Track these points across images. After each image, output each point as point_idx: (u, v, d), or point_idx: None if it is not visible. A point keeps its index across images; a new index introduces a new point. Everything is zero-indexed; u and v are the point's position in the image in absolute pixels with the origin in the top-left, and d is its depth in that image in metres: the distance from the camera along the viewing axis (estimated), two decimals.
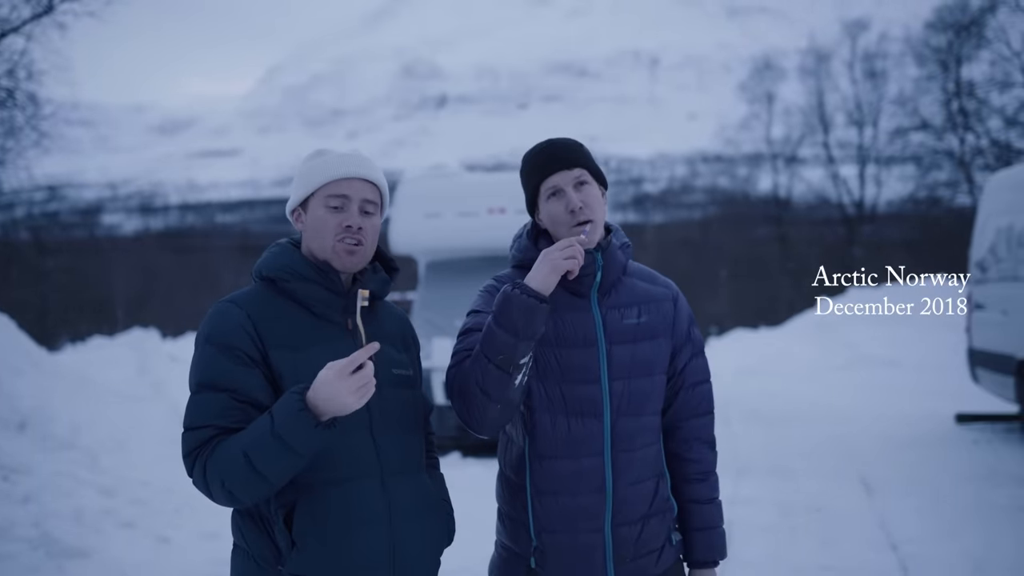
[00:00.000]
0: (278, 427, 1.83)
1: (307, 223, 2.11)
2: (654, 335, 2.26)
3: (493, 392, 2.06)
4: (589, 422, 2.17)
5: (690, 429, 2.33)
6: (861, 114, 29.78)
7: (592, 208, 2.19)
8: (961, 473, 7.39)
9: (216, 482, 1.87)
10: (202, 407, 1.93)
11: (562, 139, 2.28)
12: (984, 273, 9.16)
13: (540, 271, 2.06)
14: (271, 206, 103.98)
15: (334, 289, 2.06)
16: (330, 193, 2.08)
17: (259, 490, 1.87)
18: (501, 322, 2.03)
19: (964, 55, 25.00)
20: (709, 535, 2.31)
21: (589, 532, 2.18)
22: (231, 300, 2.05)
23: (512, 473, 2.27)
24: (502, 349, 2.03)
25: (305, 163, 2.15)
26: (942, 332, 16.43)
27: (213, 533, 6.00)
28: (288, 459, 1.84)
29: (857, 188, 29.95)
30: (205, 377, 1.95)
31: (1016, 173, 9.41)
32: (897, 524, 5.92)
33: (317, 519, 1.95)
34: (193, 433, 1.92)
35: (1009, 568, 5.05)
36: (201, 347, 2.00)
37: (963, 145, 25.22)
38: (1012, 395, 8.65)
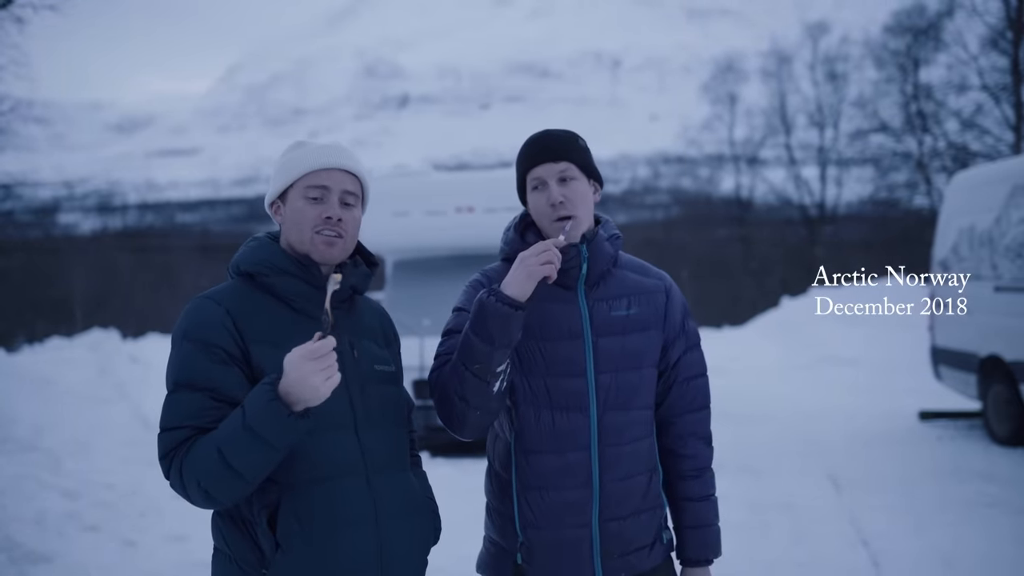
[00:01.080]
0: (250, 420, 1.76)
1: (286, 215, 2.06)
2: (645, 327, 2.22)
3: (471, 399, 2.03)
4: (574, 416, 2.14)
5: (685, 424, 2.29)
6: (822, 116, 30.15)
7: (575, 204, 2.15)
8: (926, 469, 7.47)
9: (192, 483, 1.80)
10: (178, 407, 1.86)
11: (556, 131, 2.24)
12: (946, 272, 9.27)
13: (516, 277, 2.02)
14: (231, 206, 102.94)
15: (314, 283, 2.00)
16: (309, 184, 2.03)
17: (235, 488, 1.80)
18: (477, 330, 2.00)
19: (922, 58, 25.38)
20: (703, 533, 2.28)
21: (575, 527, 2.15)
22: (209, 296, 1.98)
23: (500, 468, 2.24)
24: (478, 358, 2.00)
25: (284, 155, 2.10)
26: (902, 331, 16.68)
27: (180, 536, 5.91)
28: (262, 453, 1.77)
29: (818, 189, 30.31)
30: (182, 376, 1.88)
31: (977, 174, 9.54)
32: (866, 520, 5.96)
33: (302, 520, 1.89)
34: (169, 434, 1.85)
35: (978, 563, 5.10)
36: (178, 344, 1.93)
37: (921, 147, 25.60)
38: (974, 392, 8.77)
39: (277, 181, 2.08)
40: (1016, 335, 8.01)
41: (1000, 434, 8.39)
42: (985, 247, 8.52)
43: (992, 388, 8.45)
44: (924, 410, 9.79)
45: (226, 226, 78.29)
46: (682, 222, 39.51)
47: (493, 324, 1.98)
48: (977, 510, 6.20)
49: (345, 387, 1.97)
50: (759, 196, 31.78)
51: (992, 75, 23.43)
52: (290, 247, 2.04)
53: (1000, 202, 8.35)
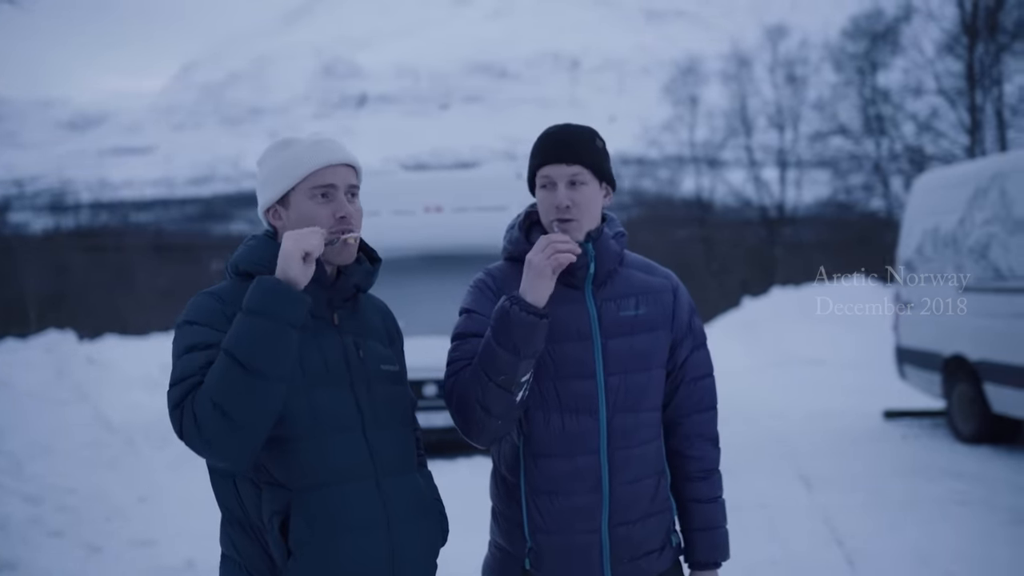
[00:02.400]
0: (253, 305, 1.73)
1: (291, 218, 1.97)
2: (653, 327, 2.18)
3: (494, 409, 1.98)
4: (584, 419, 2.10)
5: (691, 425, 2.25)
6: (782, 118, 30.48)
7: (581, 208, 2.11)
8: (894, 468, 7.55)
9: (207, 410, 1.69)
10: (191, 363, 1.78)
11: (575, 129, 2.17)
12: (911, 272, 9.38)
13: (530, 281, 1.97)
14: (186, 205, 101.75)
15: (321, 283, 1.95)
16: (316, 184, 1.96)
17: (256, 396, 1.71)
18: (501, 341, 1.94)
19: (879, 62, 25.74)
20: (712, 535, 2.25)
21: (585, 532, 2.11)
22: (210, 293, 1.92)
23: (507, 471, 2.18)
24: (503, 369, 1.95)
25: (275, 156, 2.01)
26: (862, 330, 16.89)
27: (147, 541, 5.79)
28: (275, 332, 1.72)
29: (778, 191, 30.63)
30: (186, 343, 1.82)
31: (941, 176, 9.66)
32: (840, 519, 5.99)
33: (314, 526, 1.83)
34: (180, 386, 1.76)
35: (953, 560, 5.15)
36: (182, 328, 1.87)
37: (879, 150, 25.96)
38: (939, 391, 8.88)
39: (276, 184, 1.98)
40: (980, 335, 8.12)
41: (964, 432, 8.50)
42: (949, 248, 8.63)
43: (956, 387, 8.55)
44: (889, 409, 9.90)
45: (181, 225, 77.32)
46: (643, 223, 39.69)
47: (518, 334, 1.93)
48: (947, 508, 6.26)
49: (351, 388, 1.93)
50: (720, 197, 32.06)
51: (948, 79, 23.84)
52: None
53: (963, 204, 8.45)
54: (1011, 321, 7.67)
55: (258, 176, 2.02)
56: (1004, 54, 23.35)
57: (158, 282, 36.85)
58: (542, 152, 2.14)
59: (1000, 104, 23.62)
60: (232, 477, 1.88)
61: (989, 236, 8.01)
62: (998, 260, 7.88)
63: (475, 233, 9.18)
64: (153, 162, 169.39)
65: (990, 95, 23.63)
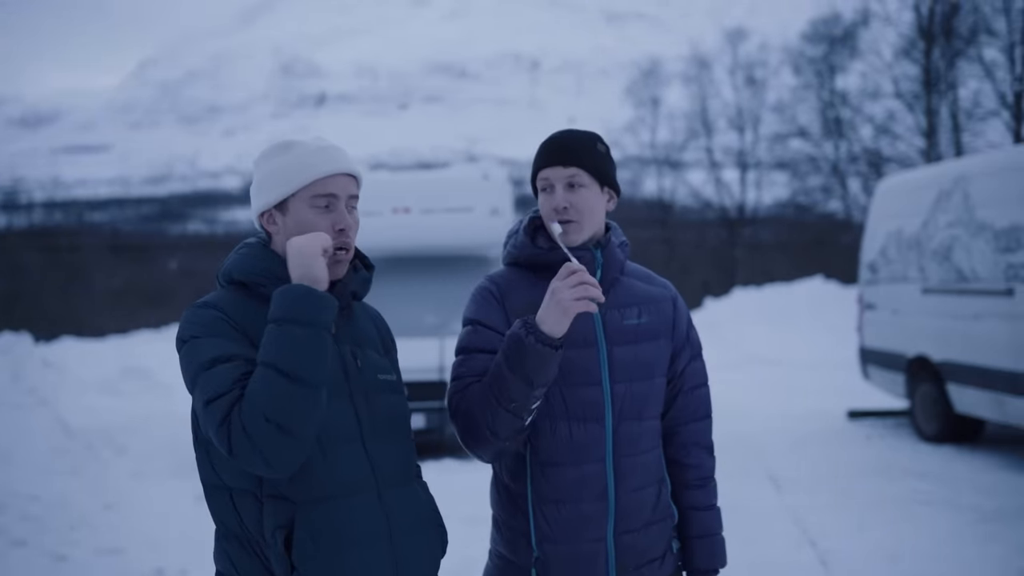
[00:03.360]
0: (286, 314, 1.70)
1: (288, 226, 1.90)
2: (655, 336, 2.19)
3: (503, 433, 1.98)
4: (591, 427, 2.09)
5: (688, 434, 2.27)
6: (742, 120, 30.75)
7: (580, 211, 2.10)
8: (860, 468, 7.62)
9: (259, 425, 1.64)
10: (221, 376, 1.71)
11: (574, 133, 2.17)
12: (875, 274, 9.50)
13: (551, 314, 1.92)
14: (143, 204, 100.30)
15: None
16: (317, 193, 1.89)
17: (306, 405, 1.67)
18: (514, 369, 1.92)
19: (838, 66, 26.05)
20: (710, 542, 2.26)
21: (592, 541, 2.10)
22: (205, 305, 1.85)
23: (510, 480, 2.16)
24: (515, 397, 1.93)
25: (275, 158, 1.93)
26: (823, 331, 17.09)
27: (114, 549, 5.67)
28: (312, 338, 1.70)
29: (738, 192, 30.91)
30: (207, 356, 1.75)
31: (905, 179, 9.79)
32: (810, 520, 6.04)
33: (318, 541, 1.78)
34: (218, 403, 1.69)
35: (922, 558, 5.21)
36: (190, 343, 1.79)
37: (837, 152, 26.27)
38: (902, 391, 9.00)
39: (274, 188, 1.91)
40: (943, 336, 8.24)
41: (927, 432, 8.62)
42: (913, 250, 8.75)
43: (920, 387, 8.68)
44: (853, 409, 10.02)
45: (137, 225, 76.28)
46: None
47: (532, 364, 1.91)
48: (913, 507, 6.34)
49: (350, 399, 1.89)
50: (681, 198, 32.26)
51: (905, 83, 24.20)
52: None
53: (927, 207, 8.57)
54: (973, 322, 7.79)
55: (255, 177, 1.95)
56: (959, 59, 23.75)
57: (114, 282, 36.28)
58: (542, 155, 2.15)
59: (955, 108, 24.03)
60: (229, 491, 1.82)
61: (952, 239, 8.13)
62: (961, 262, 8.00)
63: (443, 234, 9.16)
64: (108, 161, 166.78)
65: (945, 99, 24.04)
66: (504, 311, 2.11)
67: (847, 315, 16.81)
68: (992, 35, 23.34)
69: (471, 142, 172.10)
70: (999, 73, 23.19)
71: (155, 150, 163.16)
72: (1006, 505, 6.31)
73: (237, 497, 1.81)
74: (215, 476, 1.84)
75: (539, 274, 2.15)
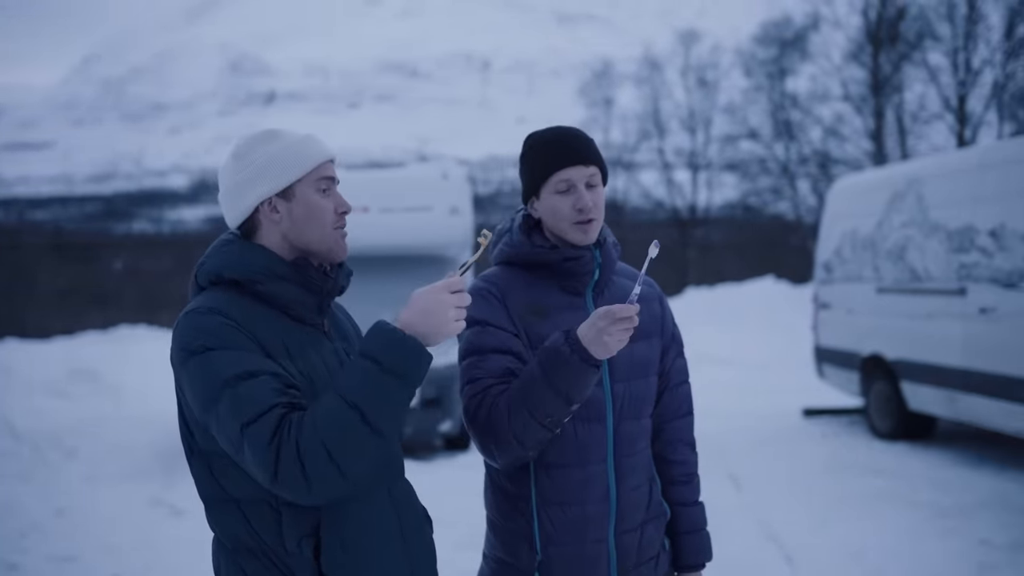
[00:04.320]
0: (394, 365, 1.60)
1: (295, 212, 1.82)
2: (648, 335, 2.20)
3: (529, 443, 1.95)
4: (594, 427, 2.09)
5: (673, 430, 2.30)
6: (693, 121, 31.00)
7: (600, 210, 2.11)
8: (818, 465, 7.71)
9: (316, 453, 1.55)
10: (253, 393, 1.60)
11: (576, 131, 2.15)
12: (830, 274, 9.61)
13: (594, 346, 1.87)
14: (86, 203, 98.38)
15: (312, 288, 1.83)
16: (321, 176, 1.85)
17: (374, 453, 1.61)
18: (554, 384, 1.88)
19: (788, 68, 26.38)
20: (697, 538, 2.29)
21: (595, 542, 2.10)
22: (209, 311, 1.72)
23: (509, 483, 2.14)
24: (551, 412, 1.90)
25: (267, 145, 1.84)
26: (775, 331, 17.30)
27: (68, 557, 5.54)
28: (406, 396, 1.63)
29: (690, 192, 31.17)
30: (228, 372, 1.63)
31: (859, 180, 9.93)
32: (772, 518, 6.09)
33: (347, 546, 1.73)
34: (263, 421, 1.58)
35: (885, 554, 5.28)
36: (202, 356, 1.66)
37: (787, 153, 26.61)
38: (857, 389, 9.12)
39: (279, 175, 1.82)
40: (897, 335, 8.37)
41: (881, 429, 8.75)
42: (867, 250, 8.87)
43: (874, 386, 8.80)
44: (808, 407, 10.13)
45: (81, 224, 74.81)
46: None
47: (574, 382, 1.88)
48: (872, 504, 6.42)
49: None
50: (633, 199, 32.40)
51: (853, 86, 24.60)
52: (291, 248, 1.84)
53: (881, 207, 8.70)
54: (927, 321, 7.92)
55: (241, 168, 1.84)
56: (904, 63, 24.21)
57: (58, 282, 35.46)
58: (558, 156, 2.09)
59: (901, 111, 24.49)
60: (237, 503, 1.73)
61: (906, 239, 8.26)
62: (914, 262, 8.13)
63: (401, 234, 9.08)
64: (50, 158, 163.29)
65: (891, 102, 24.49)
66: (507, 311, 2.09)
67: (799, 314, 17.05)
68: (936, 40, 23.82)
69: (422, 142, 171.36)
70: (943, 77, 23.67)
71: (99, 148, 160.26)
72: (962, 501, 6.42)
73: (248, 508, 1.72)
74: (219, 489, 1.75)
75: (535, 273, 2.13)
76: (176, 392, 1.78)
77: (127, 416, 9.97)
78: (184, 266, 39.26)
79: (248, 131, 2.00)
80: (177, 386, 1.76)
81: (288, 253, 1.84)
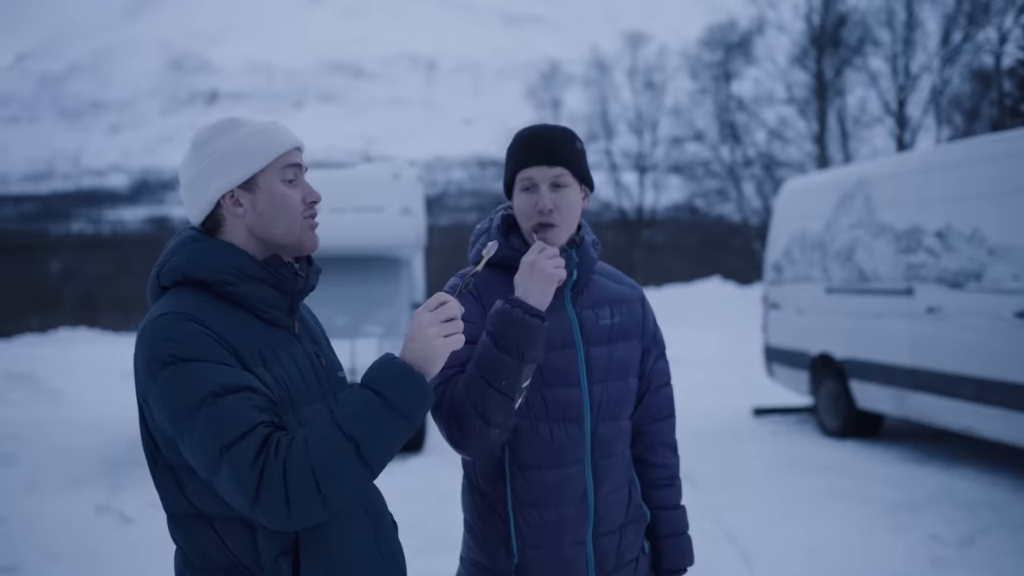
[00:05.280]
0: (399, 403, 1.55)
1: (259, 205, 1.73)
2: (628, 336, 2.18)
3: (494, 418, 1.89)
4: (571, 427, 2.05)
5: (655, 433, 2.26)
6: (641, 123, 31.23)
7: (562, 213, 2.04)
8: (770, 463, 7.79)
9: (302, 479, 1.47)
10: (234, 411, 1.50)
11: (554, 130, 2.10)
12: (779, 275, 9.72)
13: (535, 285, 1.90)
14: (22, 203, 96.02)
15: (284, 287, 1.74)
16: (286, 164, 1.76)
17: (360, 486, 1.55)
18: (504, 345, 1.85)
19: (734, 71, 26.71)
20: (679, 541, 2.25)
21: (573, 545, 2.06)
22: (181, 315, 1.60)
23: (487, 485, 2.10)
24: (507, 374, 1.86)
25: (229, 134, 1.73)
26: (721, 331, 17.47)
27: (8, 567, 5.36)
28: (404, 434, 1.57)
29: (637, 194, 31.38)
30: (206, 388, 1.52)
31: (808, 182, 10.05)
32: (728, 517, 6.13)
33: (325, 561, 1.66)
34: (246, 442, 1.48)
35: (839, 550, 5.34)
36: (176, 368, 1.54)
37: (733, 156, 26.93)
38: (806, 388, 9.23)
39: (241, 165, 1.71)
40: (846, 334, 8.49)
41: (830, 427, 8.87)
42: (816, 251, 8.99)
43: (823, 384, 8.92)
44: (758, 406, 10.24)
45: (17, 224, 73.02)
46: None
47: (523, 337, 1.85)
48: (825, 501, 6.50)
49: (324, 401, 1.75)
50: None
51: (798, 89, 24.99)
52: (262, 243, 1.74)
53: (830, 209, 8.82)
54: (875, 321, 8.04)
55: (201, 160, 1.74)
56: (846, 68, 24.66)
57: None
58: (523, 153, 2.06)
59: (843, 115, 24.94)
60: (208, 520, 1.63)
61: (854, 240, 8.38)
62: (863, 263, 8.26)
63: (353, 234, 8.97)
64: None
65: (834, 106, 24.93)
66: (483, 308, 2.06)
67: (745, 314, 17.25)
68: (877, 45, 24.31)
69: (367, 142, 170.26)
70: (883, 82, 24.15)
71: (35, 146, 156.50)
72: (911, 497, 6.53)
73: (221, 526, 1.62)
74: (188, 505, 1.64)
75: (513, 274, 2.08)
76: (139, 401, 1.66)
77: (69, 421, 9.72)
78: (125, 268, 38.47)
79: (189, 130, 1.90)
80: (140, 396, 1.64)
81: (256, 249, 1.74)
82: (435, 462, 8.03)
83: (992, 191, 6.77)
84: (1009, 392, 6.45)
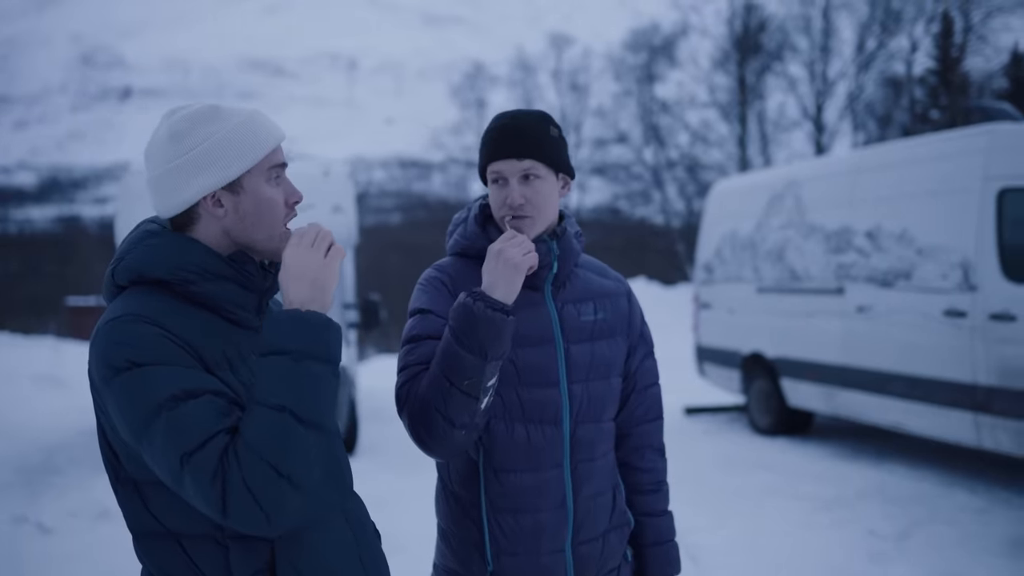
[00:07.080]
0: (304, 347, 1.44)
1: (241, 207, 1.60)
2: (612, 333, 2.07)
3: (458, 419, 1.77)
4: (549, 429, 1.95)
5: (641, 435, 2.16)
6: (565, 124, 31.40)
7: (535, 205, 1.95)
8: (705, 462, 7.82)
9: (265, 477, 1.36)
10: (194, 417, 1.39)
11: (527, 119, 1.97)
12: (710, 274, 9.80)
13: (501, 275, 1.79)
14: None
15: (251, 285, 1.62)
16: (273, 163, 1.63)
17: (317, 452, 1.43)
18: (465, 343, 1.74)
19: (657, 74, 27.03)
20: (665, 549, 2.16)
21: (551, 553, 1.96)
22: (138, 317, 1.48)
23: (461, 488, 2.00)
24: (469, 373, 1.74)
25: (212, 128, 1.58)
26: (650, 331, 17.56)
27: None
28: (330, 377, 1.45)
29: None
30: (164, 393, 1.41)
31: (738, 183, 10.17)
32: None
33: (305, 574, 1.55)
34: (205, 451, 1.38)
35: (781, 547, 5.38)
36: (131, 373, 1.43)
37: (656, 158, 27.24)
38: (737, 387, 9.33)
39: (229, 165, 1.57)
40: (777, 333, 8.60)
41: (762, 425, 8.97)
42: (747, 251, 9.09)
43: (755, 383, 9.02)
44: (689, 405, 10.31)
45: None
46: (426, 226, 39.69)
47: (485, 334, 1.73)
48: (762, 498, 6.55)
49: None
50: None
51: (720, 93, 25.40)
52: (234, 243, 1.62)
53: (760, 210, 8.93)
54: (805, 320, 8.16)
55: (180, 153, 1.58)
56: (767, 73, 25.16)
57: None
58: (494, 145, 1.96)
59: (763, 118, 25.44)
60: (175, 538, 1.51)
61: (785, 240, 8.50)
62: (793, 263, 8.37)
63: None
64: None
65: (755, 110, 25.41)
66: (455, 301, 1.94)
67: (672, 315, 17.40)
68: (795, 51, 24.86)
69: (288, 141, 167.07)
70: (802, 87, 24.70)
71: None
72: (843, 493, 6.63)
73: (190, 545, 1.51)
74: (153, 522, 1.52)
75: None
76: (96, 412, 1.54)
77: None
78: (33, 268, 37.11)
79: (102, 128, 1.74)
80: (97, 406, 1.52)
81: (225, 248, 1.62)
82: (368, 466, 7.88)
83: (921, 191, 6.91)
84: (937, 388, 6.60)
